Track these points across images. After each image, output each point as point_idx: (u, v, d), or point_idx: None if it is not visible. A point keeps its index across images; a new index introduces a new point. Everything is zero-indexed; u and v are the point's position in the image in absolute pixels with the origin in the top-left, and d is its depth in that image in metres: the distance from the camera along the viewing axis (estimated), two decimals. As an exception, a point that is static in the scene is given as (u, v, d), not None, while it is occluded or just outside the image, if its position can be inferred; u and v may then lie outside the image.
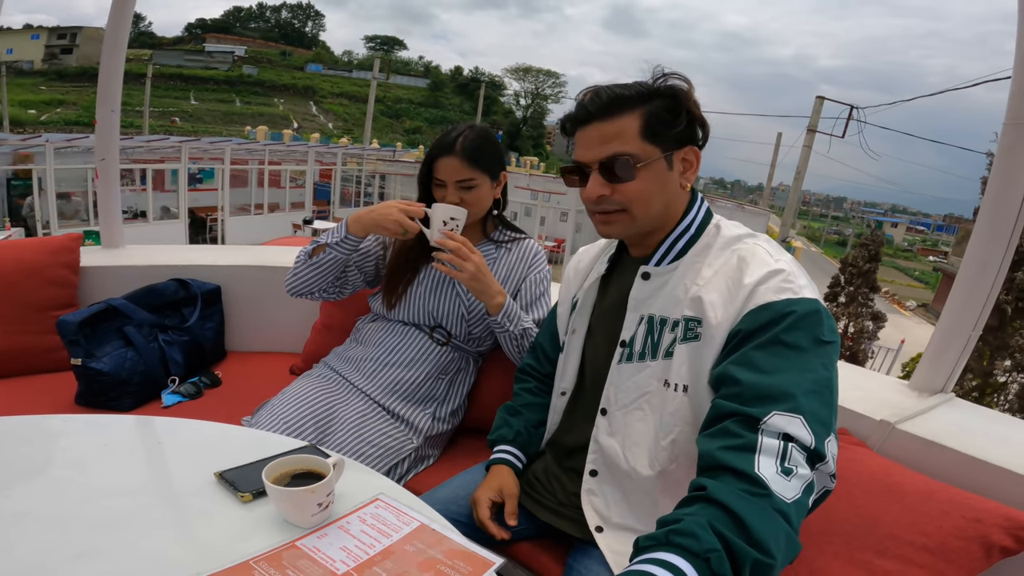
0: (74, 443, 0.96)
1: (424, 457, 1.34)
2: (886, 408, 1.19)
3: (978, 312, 1.25)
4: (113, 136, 2.03)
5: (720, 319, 0.83)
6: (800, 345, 0.76)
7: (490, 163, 1.34)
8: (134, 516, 0.79)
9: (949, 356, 1.30)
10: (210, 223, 13.77)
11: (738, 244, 0.90)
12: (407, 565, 0.75)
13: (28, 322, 1.63)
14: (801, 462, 0.70)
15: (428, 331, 1.40)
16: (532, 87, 69.39)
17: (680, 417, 0.88)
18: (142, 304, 1.68)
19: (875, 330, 10.84)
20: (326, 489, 0.79)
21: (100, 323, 1.55)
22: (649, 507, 0.93)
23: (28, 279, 1.65)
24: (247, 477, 0.88)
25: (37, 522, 0.75)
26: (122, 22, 1.91)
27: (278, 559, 0.73)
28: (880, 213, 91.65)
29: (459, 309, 1.39)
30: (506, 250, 1.44)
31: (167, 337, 1.69)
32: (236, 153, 14.81)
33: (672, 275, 0.93)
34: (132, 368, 1.54)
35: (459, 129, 1.34)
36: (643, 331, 0.94)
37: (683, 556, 0.62)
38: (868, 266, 11.12)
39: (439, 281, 1.40)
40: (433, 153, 1.33)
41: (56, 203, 11.06)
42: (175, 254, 2.04)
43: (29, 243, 1.76)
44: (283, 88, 60.30)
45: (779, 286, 0.80)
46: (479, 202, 1.34)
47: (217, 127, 43.81)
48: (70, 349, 1.47)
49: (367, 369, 1.37)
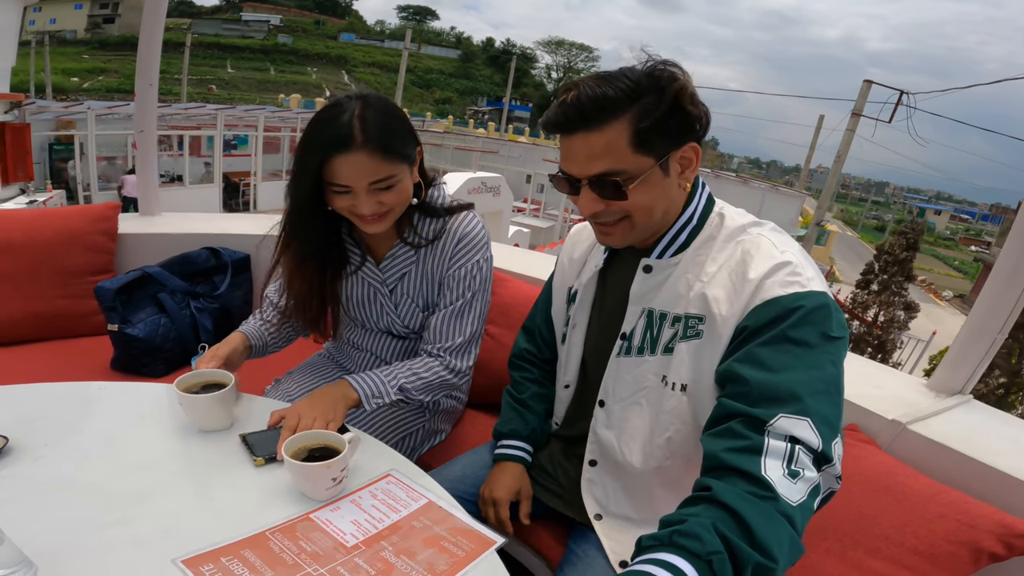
0: (109, 410, 1.02)
1: (435, 432, 1.37)
2: (900, 407, 1.18)
3: (1007, 314, 1.22)
4: (151, 109, 2.07)
5: (726, 315, 0.81)
6: (808, 341, 0.74)
7: (405, 145, 1.02)
8: (160, 485, 0.84)
9: (972, 357, 1.27)
10: (243, 187, 14.18)
11: (743, 235, 0.86)
12: (413, 540, 0.79)
13: (67, 287, 1.71)
14: (808, 464, 0.69)
15: (384, 334, 1.29)
16: (564, 60, 68.01)
17: (677, 416, 0.87)
18: (175, 272, 1.74)
19: (906, 320, 10.54)
20: (340, 465, 0.83)
21: (136, 290, 1.62)
22: (647, 499, 0.94)
23: (67, 246, 1.72)
24: (265, 442, 0.94)
25: (69, 490, 0.80)
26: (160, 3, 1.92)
27: (292, 530, 0.78)
28: (923, 200, 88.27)
29: (391, 318, 1.22)
30: (426, 252, 1.17)
31: (199, 304, 1.75)
32: (269, 121, 15.19)
33: (675, 268, 0.90)
34: (165, 335, 1.61)
35: (346, 108, 0.96)
36: (643, 324, 0.92)
37: (685, 557, 0.62)
38: (905, 255, 10.75)
39: (364, 298, 1.22)
40: (318, 151, 0.96)
41: (98, 166, 11.41)
42: (208, 222, 2.10)
43: (69, 211, 1.84)
44: (316, 57, 60.43)
45: (786, 279, 0.77)
46: (402, 197, 1.05)
47: (252, 95, 44.30)
48: (107, 315, 1.54)
49: (358, 368, 1.32)
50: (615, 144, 0.80)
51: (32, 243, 1.67)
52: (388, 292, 1.21)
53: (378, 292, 1.21)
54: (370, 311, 1.24)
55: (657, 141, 0.81)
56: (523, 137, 35.01)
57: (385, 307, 1.22)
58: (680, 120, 0.80)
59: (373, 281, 1.21)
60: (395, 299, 1.21)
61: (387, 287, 1.20)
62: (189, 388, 0.97)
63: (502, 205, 9.54)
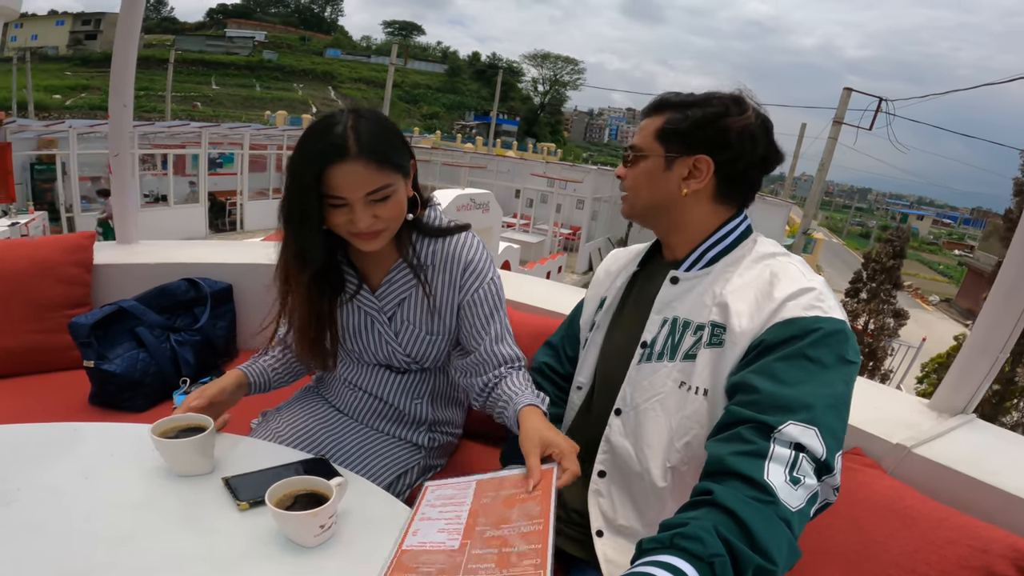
0: (86, 452, 0.97)
1: (431, 467, 1.32)
2: (903, 430, 1.16)
3: (1008, 333, 1.20)
4: (125, 130, 2.01)
5: (744, 328, 0.83)
6: (824, 361, 0.77)
7: (400, 155, 1.01)
8: (143, 529, 0.80)
9: (974, 377, 1.25)
10: (229, 207, 13.99)
11: (771, 260, 0.91)
12: (495, 512, 0.83)
13: (42, 321, 1.64)
14: (809, 472, 0.71)
15: (382, 366, 1.24)
16: (550, 73, 68.68)
17: (697, 420, 0.88)
18: (153, 305, 1.68)
19: (896, 327, 10.61)
20: (328, 512, 0.80)
21: (112, 324, 1.57)
22: (657, 509, 0.92)
23: (41, 277, 1.66)
24: (250, 485, 0.90)
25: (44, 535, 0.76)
26: (134, 16, 1.88)
27: (402, 567, 0.77)
28: (906, 205, 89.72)
29: (396, 352, 1.18)
30: (430, 276, 1.14)
31: (179, 337, 1.69)
32: (255, 138, 15.05)
33: (702, 281, 0.93)
34: (144, 369, 1.55)
35: (339, 120, 0.95)
36: (665, 332, 0.94)
37: (687, 560, 0.63)
38: (892, 262, 10.84)
39: (361, 328, 1.18)
40: (313, 162, 0.94)
41: (80, 187, 11.26)
42: (187, 251, 2.05)
43: (41, 241, 1.77)
44: (302, 73, 60.60)
45: (809, 303, 0.81)
46: (398, 211, 1.02)
47: (237, 112, 44.16)
48: (83, 351, 1.48)
49: (347, 406, 1.27)
50: (649, 127, 0.98)
51: (3, 275, 1.61)
52: (387, 319, 1.16)
53: (375, 320, 1.16)
54: (367, 341, 1.18)
55: (674, 140, 0.95)
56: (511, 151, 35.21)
57: (384, 335, 1.17)
58: (702, 134, 0.93)
59: (370, 309, 1.16)
60: (395, 326, 1.17)
61: (385, 314, 1.16)
62: (166, 432, 0.93)
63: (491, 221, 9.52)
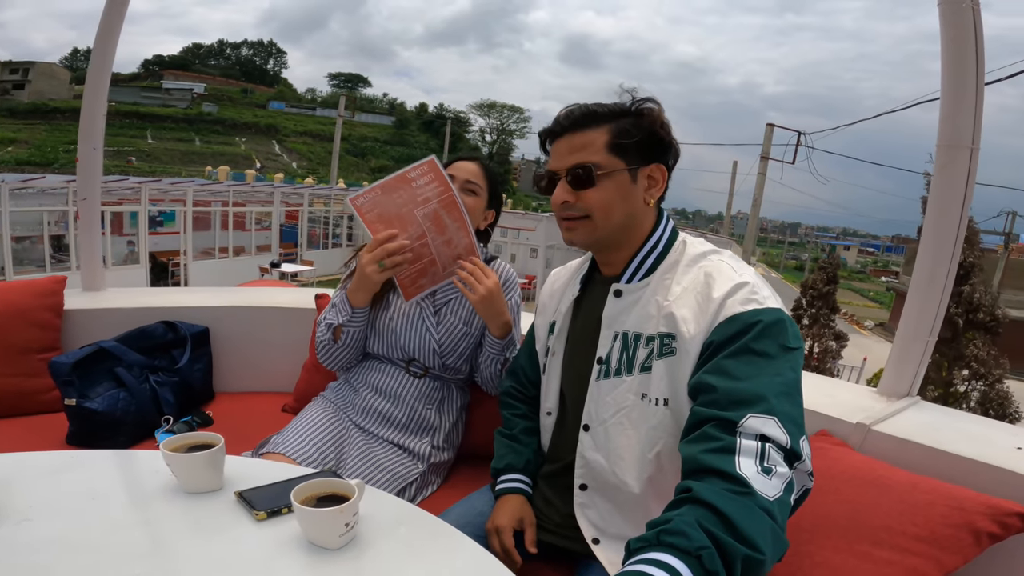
0: (84, 477, 0.96)
1: (427, 483, 1.36)
2: (860, 412, 1.27)
3: (932, 319, 1.36)
4: (95, 175, 1.98)
5: (693, 332, 0.88)
6: (768, 352, 0.82)
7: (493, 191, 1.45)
8: (158, 544, 0.81)
9: (911, 361, 1.40)
10: (172, 268, 13.33)
11: (704, 261, 0.96)
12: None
13: (11, 364, 1.61)
14: (779, 461, 0.74)
15: (404, 365, 1.41)
16: (497, 123, 69.77)
17: (663, 430, 0.92)
18: (132, 346, 1.67)
19: (839, 349, 11.20)
20: (352, 509, 0.81)
21: (92, 365, 1.55)
22: (642, 516, 0.95)
23: (11, 321, 1.63)
24: (265, 497, 0.91)
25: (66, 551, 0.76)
26: (105, 59, 1.87)
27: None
28: (832, 237, 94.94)
29: (430, 343, 1.38)
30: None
31: (158, 378, 1.68)
32: (198, 194, 14.47)
33: (644, 292, 0.97)
34: (125, 408, 1.53)
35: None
36: (618, 347, 0.97)
37: (675, 555, 0.64)
38: (827, 288, 11.53)
39: (409, 315, 1.40)
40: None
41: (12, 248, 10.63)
42: (159, 296, 2.04)
43: (13, 285, 1.74)
44: (245, 126, 59.11)
45: (745, 297, 0.86)
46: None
47: (176, 167, 42.63)
48: (64, 390, 1.46)
49: (359, 406, 1.39)
50: (594, 142, 0.95)
51: (-28, 320, 1.57)
52: (433, 311, 1.39)
53: (424, 310, 1.39)
54: (410, 328, 1.38)
55: (630, 152, 0.95)
56: (460, 197, 35.36)
57: (426, 323, 1.38)
58: (653, 143, 0.96)
59: (424, 302, 1.38)
60: (439, 318, 1.40)
61: (433, 307, 1.40)
62: (176, 450, 0.94)
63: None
